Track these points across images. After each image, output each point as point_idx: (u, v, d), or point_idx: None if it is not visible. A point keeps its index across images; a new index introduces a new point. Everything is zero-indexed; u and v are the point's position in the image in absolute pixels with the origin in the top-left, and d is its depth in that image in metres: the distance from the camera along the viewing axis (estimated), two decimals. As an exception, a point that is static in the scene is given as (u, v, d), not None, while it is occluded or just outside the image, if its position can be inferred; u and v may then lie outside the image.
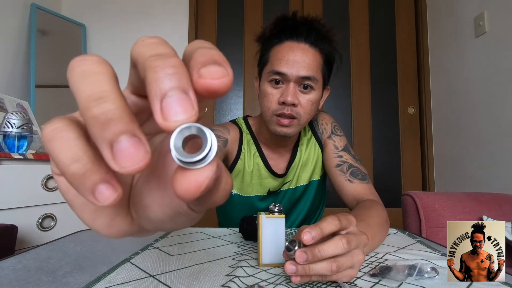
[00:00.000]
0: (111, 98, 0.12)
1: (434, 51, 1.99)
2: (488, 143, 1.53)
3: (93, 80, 0.13)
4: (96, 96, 0.12)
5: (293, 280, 0.35)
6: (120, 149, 0.12)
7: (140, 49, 0.14)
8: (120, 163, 0.12)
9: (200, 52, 0.14)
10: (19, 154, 1.10)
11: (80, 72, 0.13)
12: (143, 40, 0.14)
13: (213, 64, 0.13)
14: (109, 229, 0.17)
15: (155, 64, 0.13)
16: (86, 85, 0.13)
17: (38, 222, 1.12)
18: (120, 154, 0.12)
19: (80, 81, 0.13)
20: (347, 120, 2.07)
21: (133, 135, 0.12)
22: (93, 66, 0.13)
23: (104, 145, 0.12)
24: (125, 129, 0.12)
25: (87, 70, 0.13)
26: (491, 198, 1.07)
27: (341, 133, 0.83)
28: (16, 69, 1.66)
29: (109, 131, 0.12)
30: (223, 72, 0.13)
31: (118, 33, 2.04)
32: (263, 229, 0.44)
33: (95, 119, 0.12)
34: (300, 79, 0.67)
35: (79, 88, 0.13)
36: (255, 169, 0.79)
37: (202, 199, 0.14)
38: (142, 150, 0.12)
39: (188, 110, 0.12)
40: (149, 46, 0.14)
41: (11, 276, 0.40)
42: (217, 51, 0.14)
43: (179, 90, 0.12)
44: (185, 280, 0.39)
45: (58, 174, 0.16)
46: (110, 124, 0.12)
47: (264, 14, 2.12)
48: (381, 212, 0.60)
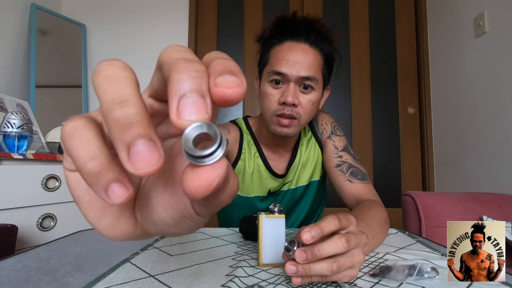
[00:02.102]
0: (133, 103, 0.13)
1: (434, 51, 1.99)
2: (488, 143, 1.53)
3: (117, 85, 0.13)
4: (118, 100, 0.13)
5: (294, 281, 0.35)
6: (136, 151, 0.12)
7: (170, 53, 0.15)
8: (135, 164, 0.12)
9: (217, 62, 0.14)
10: (19, 154, 1.10)
11: (104, 76, 0.14)
12: (173, 47, 0.15)
13: (228, 74, 0.14)
14: (113, 229, 0.17)
15: (182, 66, 0.13)
16: (110, 89, 0.13)
17: (38, 222, 1.12)
18: (136, 157, 0.12)
19: (105, 85, 0.13)
20: (347, 120, 2.07)
21: (150, 139, 0.13)
22: (117, 71, 0.14)
23: (122, 147, 0.13)
24: (143, 133, 0.12)
25: (111, 74, 0.14)
26: (491, 198, 1.07)
27: (341, 133, 0.83)
28: (16, 69, 1.66)
29: (128, 133, 0.12)
30: (238, 82, 0.14)
31: (118, 33, 2.04)
32: (263, 229, 0.44)
33: (116, 121, 0.13)
34: (300, 79, 0.67)
35: (103, 91, 0.13)
36: (256, 170, 0.79)
37: (209, 199, 0.15)
38: (157, 154, 0.13)
39: (202, 113, 0.13)
40: (178, 51, 0.15)
41: (11, 276, 0.40)
42: (233, 62, 0.15)
43: (198, 93, 0.13)
44: (185, 280, 0.39)
45: (70, 170, 0.17)
46: (129, 127, 0.12)
47: (264, 14, 2.12)
48: (381, 212, 0.60)
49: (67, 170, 0.17)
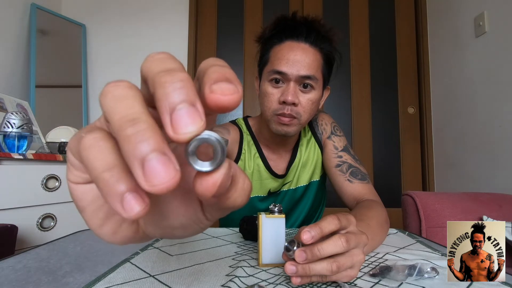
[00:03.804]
0: (143, 119, 0.13)
1: (434, 51, 1.99)
2: (488, 143, 1.53)
3: (125, 103, 0.14)
4: (129, 118, 0.13)
5: (293, 281, 0.35)
6: (151, 167, 0.12)
7: (149, 66, 0.14)
8: (151, 181, 0.12)
9: (213, 69, 0.15)
10: (19, 154, 1.10)
11: (112, 96, 0.14)
12: (152, 56, 0.15)
13: (224, 81, 0.14)
14: (114, 236, 0.17)
15: (164, 80, 0.13)
16: (119, 108, 0.13)
17: (38, 222, 1.12)
18: (151, 173, 0.12)
19: (114, 104, 0.14)
20: (347, 120, 2.07)
21: (163, 153, 0.13)
22: (124, 90, 0.14)
23: (136, 164, 0.12)
24: (156, 148, 0.12)
25: (119, 94, 0.14)
26: (491, 198, 1.07)
27: (341, 134, 0.83)
28: (16, 69, 1.66)
29: (141, 150, 0.12)
30: (233, 89, 0.14)
31: (118, 33, 2.04)
32: (263, 229, 0.44)
33: (128, 138, 0.13)
34: (300, 78, 0.67)
35: (113, 111, 0.14)
36: (255, 170, 0.79)
37: (221, 199, 0.15)
38: (172, 168, 0.13)
39: (197, 122, 0.13)
40: (157, 62, 0.14)
41: (11, 276, 0.40)
42: (229, 69, 0.15)
43: (187, 103, 0.13)
44: (185, 280, 0.39)
45: (75, 183, 0.17)
46: (141, 144, 0.12)
47: (264, 14, 2.12)
48: (381, 212, 0.60)
49: (72, 182, 0.17)
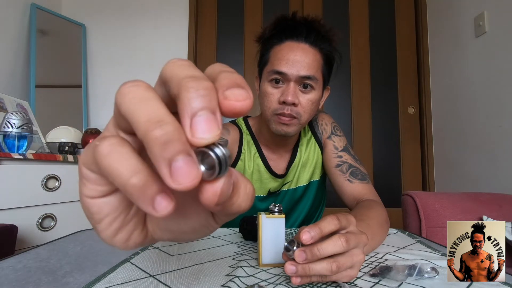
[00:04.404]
0: (169, 121, 0.13)
1: (434, 51, 1.99)
2: (488, 143, 1.53)
3: (149, 105, 0.14)
4: (156, 120, 0.13)
5: (293, 281, 0.35)
6: (178, 167, 0.13)
7: (174, 69, 0.15)
8: (177, 180, 0.13)
9: (223, 76, 0.15)
10: (19, 154, 1.10)
11: (133, 98, 0.14)
12: (175, 62, 0.15)
13: (237, 87, 0.15)
14: (126, 243, 0.18)
15: (190, 85, 0.14)
16: (143, 110, 0.14)
17: (38, 222, 1.12)
18: (178, 172, 0.13)
19: (136, 106, 0.14)
20: (347, 120, 2.07)
21: (188, 154, 0.13)
22: (144, 92, 0.14)
23: (163, 164, 0.13)
24: (182, 149, 0.13)
25: (139, 96, 0.14)
26: (491, 198, 1.07)
27: (341, 133, 0.83)
28: (16, 69, 1.66)
29: (168, 151, 0.13)
30: (246, 95, 0.15)
31: (118, 33, 2.04)
32: (263, 229, 0.44)
33: (156, 140, 0.13)
34: (300, 78, 0.67)
35: (136, 113, 0.14)
36: (255, 170, 0.79)
37: (226, 206, 0.16)
38: (195, 168, 0.13)
39: (214, 130, 0.14)
40: (182, 67, 0.15)
41: (11, 276, 0.40)
42: (238, 75, 0.16)
43: (209, 111, 0.14)
44: (185, 280, 0.39)
45: (92, 197, 0.17)
46: (169, 145, 0.13)
47: (264, 14, 2.12)
48: (381, 212, 0.60)
49: (89, 197, 0.17)
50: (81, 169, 0.16)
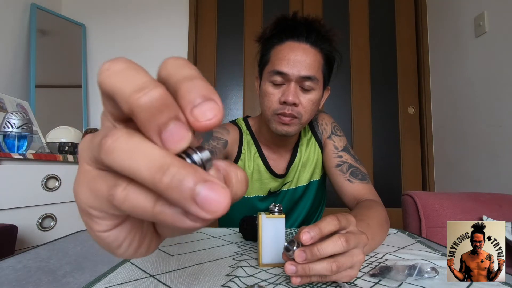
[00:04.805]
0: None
1: (434, 51, 1.99)
2: (488, 143, 1.52)
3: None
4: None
5: (293, 281, 0.35)
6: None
7: (114, 82, 0.13)
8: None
9: (186, 88, 0.14)
10: (19, 154, 1.10)
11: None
12: (108, 69, 0.13)
13: (204, 101, 0.13)
14: (148, 251, 0.18)
15: (143, 102, 0.12)
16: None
17: (38, 222, 1.12)
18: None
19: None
20: (347, 120, 2.07)
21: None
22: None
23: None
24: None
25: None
26: (491, 198, 1.06)
27: (341, 133, 0.83)
28: (16, 69, 1.66)
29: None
30: (216, 109, 0.13)
31: (118, 33, 2.04)
32: (263, 229, 0.44)
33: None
34: (301, 79, 0.67)
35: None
36: (255, 170, 0.79)
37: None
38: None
39: (186, 136, 0.13)
40: (121, 76, 0.13)
41: (11, 276, 0.40)
42: (201, 80, 0.14)
43: (173, 120, 0.13)
44: (185, 280, 0.39)
45: (105, 231, 0.15)
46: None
47: (264, 14, 2.12)
48: (381, 212, 0.60)
49: (103, 232, 0.15)
50: (88, 211, 0.15)
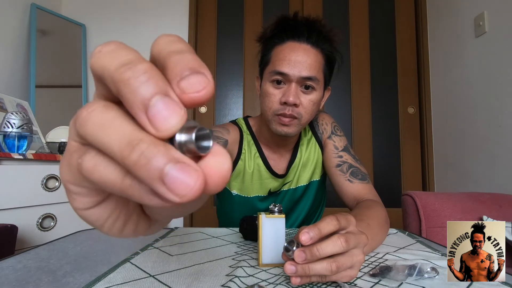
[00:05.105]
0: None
1: (434, 51, 1.99)
2: (488, 143, 1.53)
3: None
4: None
5: (293, 281, 0.35)
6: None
7: (102, 62, 0.13)
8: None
9: (173, 60, 0.13)
10: (19, 154, 1.10)
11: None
12: (100, 51, 0.13)
13: (192, 73, 0.13)
14: (136, 232, 0.18)
15: (126, 76, 0.12)
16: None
17: (38, 222, 1.12)
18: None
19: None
20: (347, 120, 2.07)
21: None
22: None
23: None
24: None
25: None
26: (491, 198, 1.06)
27: (341, 133, 0.83)
28: (16, 69, 1.66)
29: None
30: (205, 81, 0.13)
31: (118, 33, 2.04)
32: (263, 229, 0.44)
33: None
34: (301, 79, 0.67)
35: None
36: (256, 170, 0.79)
37: None
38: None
39: (177, 112, 0.12)
40: (110, 56, 0.13)
41: (11, 276, 0.40)
42: (190, 53, 0.13)
43: (160, 95, 0.12)
44: (185, 280, 0.39)
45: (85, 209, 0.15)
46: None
47: (264, 14, 2.12)
48: (381, 212, 0.60)
49: (82, 210, 0.15)
50: (67, 186, 0.15)
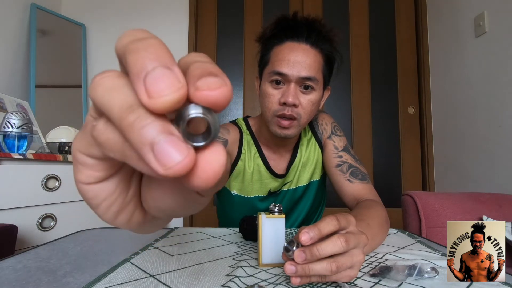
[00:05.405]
0: (139, 104, 0.12)
1: (434, 51, 1.99)
2: (488, 143, 1.52)
3: (120, 93, 0.13)
4: (127, 106, 0.13)
5: (293, 281, 0.35)
6: (161, 149, 0.12)
7: (121, 40, 0.14)
8: (164, 164, 0.12)
9: (194, 66, 0.13)
10: (19, 154, 1.10)
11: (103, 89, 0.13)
12: (125, 33, 0.14)
13: (209, 75, 0.13)
14: (128, 224, 0.18)
15: (135, 46, 0.13)
16: (114, 99, 0.13)
17: (38, 222, 1.12)
18: (163, 155, 0.12)
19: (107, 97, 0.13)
20: (347, 120, 2.07)
21: (170, 133, 0.12)
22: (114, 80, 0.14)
23: (146, 149, 0.12)
24: (162, 130, 0.12)
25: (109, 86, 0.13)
26: (491, 198, 1.07)
27: (341, 133, 0.83)
28: (16, 69, 1.66)
29: (147, 134, 0.12)
30: (221, 82, 0.13)
31: (118, 33, 2.03)
32: (263, 229, 0.44)
33: (130, 126, 0.12)
34: (301, 79, 0.67)
35: (108, 103, 0.13)
36: (256, 170, 0.79)
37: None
38: (183, 147, 0.12)
39: (174, 84, 0.12)
40: (130, 35, 0.14)
41: (11, 276, 0.40)
42: (212, 64, 0.14)
43: (162, 66, 0.12)
44: (185, 280, 0.39)
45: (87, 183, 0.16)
46: (146, 128, 0.12)
47: (264, 14, 2.12)
48: (381, 212, 0.60)
49: (84, 183, 0.16)
50: (76, 155, 0.15)
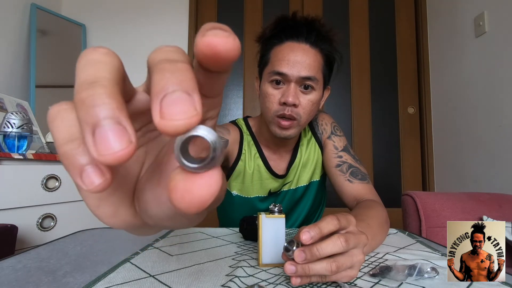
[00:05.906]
0: (103, 84, 0.12)
1: (434, 51, 1.99)
2: (488, 143, 1.53)
3: (93, 68, 0.13)
4: (89, 81, 0.12)
5: (293, 281, 0.35)
6: (101, 134, 0.11)
7: (155, 55, 0.14)
8: (99, 149, 0.11)
9: (205, 25, 0.14)
10: (19, 154, 1.10)
11: (85, 60, 0.13)
12: (161, 48, 0.14)
13: (218, 28, 0.13)
14: (113, 218, 0.17)
15: (163, 67, 0.13)
16: (85, 72, 0.13)
17: (38, 222, 1.12)
18: (101, 140, 0.11)
19: (82, 68, 0.13)
20: (347, 120, 2.07)
21: (118, 122, 0.11)
22: (99, 56, 0.13)
23: (87, 129, 0.11)
24: (110, 115, 0.11)
25: (92, 59, 0.13)
26: (491, 198, 1.07)
27: (341, 133, 0.83)
28: (16, 69, 1.66)
29: (93, 114, 0.11)
30: (227, 34, 0.13)
31: (118, 33, 2.04)
32: (263, 229, 0.44)
33: (81, 101, 0.12)
34: (301, 79, 0.67)
35: (78, 75, 0.13)
36: (256, 170, 0.79)
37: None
38: (125, 139, 0.11)
39: (189, 111, 0.12)
40: (163, 52, 0.14)
41: (11, 276, 0.40)
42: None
43: (182, 91, 0.12)
44: (185, 280, 0.39)
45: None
46: (95, 108, 0.11)
47: (264, 14, 2.12)
48: (381, 212, 0.60)
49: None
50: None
